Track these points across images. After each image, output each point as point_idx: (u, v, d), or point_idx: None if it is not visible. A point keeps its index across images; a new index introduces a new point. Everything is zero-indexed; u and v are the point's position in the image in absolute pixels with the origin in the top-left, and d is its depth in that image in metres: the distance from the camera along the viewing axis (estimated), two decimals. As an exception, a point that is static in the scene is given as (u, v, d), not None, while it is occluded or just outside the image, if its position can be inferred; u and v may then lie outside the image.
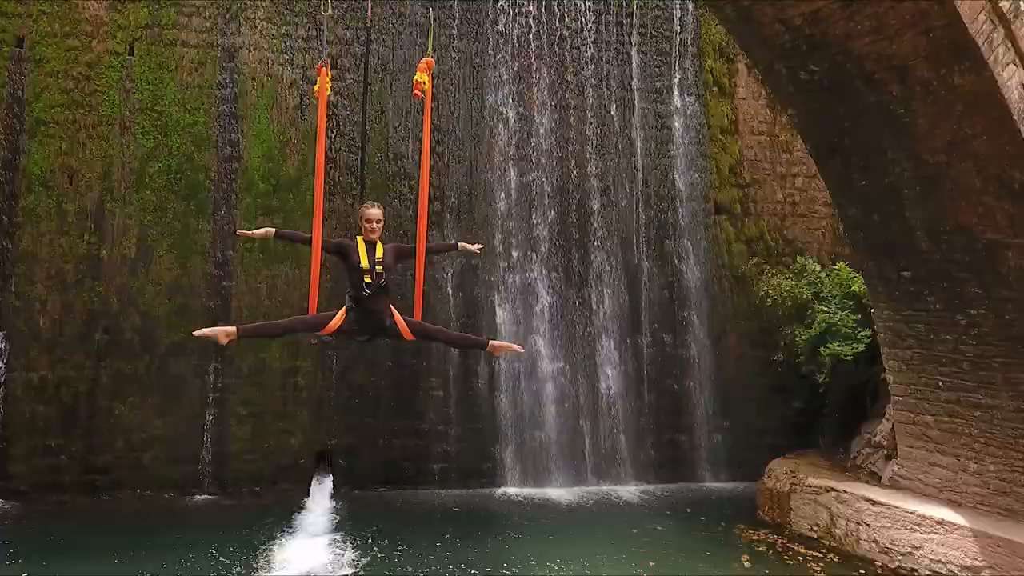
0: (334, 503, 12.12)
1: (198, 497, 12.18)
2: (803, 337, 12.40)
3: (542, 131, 13.97)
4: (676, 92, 14.68)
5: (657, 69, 14.63)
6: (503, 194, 13.76)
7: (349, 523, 11.14)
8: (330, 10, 6.23)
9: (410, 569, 9.19)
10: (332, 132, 13.15)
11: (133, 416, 12.11)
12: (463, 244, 7.11)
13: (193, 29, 12.74)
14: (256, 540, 10.09)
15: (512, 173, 13.82)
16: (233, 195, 12.82)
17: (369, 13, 12.77)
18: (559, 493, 12.96)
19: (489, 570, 9.24)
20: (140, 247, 12.36)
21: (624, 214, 14.23)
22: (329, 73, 6.11)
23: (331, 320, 5.40)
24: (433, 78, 6.66)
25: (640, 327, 14.03)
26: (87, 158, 12.33)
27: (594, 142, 14.19)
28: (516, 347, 5.83)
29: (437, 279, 13.32)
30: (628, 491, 13.26)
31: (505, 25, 13.96)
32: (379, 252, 5.56)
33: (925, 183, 7.73)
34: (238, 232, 6.28)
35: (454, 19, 13.74)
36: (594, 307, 13.90)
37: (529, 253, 13.76)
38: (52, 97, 12.26)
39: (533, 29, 14.07)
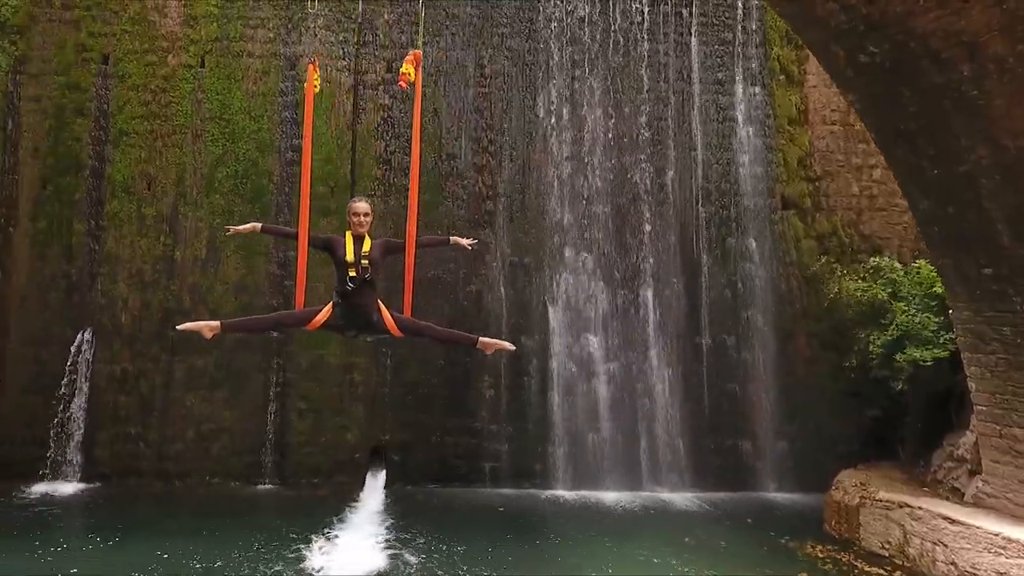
0: (387, 498, 11.65)
1: (260, 487, 12.03)
2: (878, 340, 10.71)
3: (596, 127, 12.89)
4: (739, 82, 13.20)
5: (719, 59, 13.19)
6: (556, 192, 12.81)
7: (400, 518, 10.72)
8: (316, 5, 5.56)
9: (456, 567, 8.70)
10: (388, 134, 12.62)
11: (203, 408, 12.07)
12: (455, 238, 6.42)
13: (258, 40, 12.54)
14: (312, 530, 9.85)
15: (565, 170, 12.83)
16: (294, 198, 12.50)
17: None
18: (611, 497, 11.92)
19: (536, 572, 8.66)
20: (210, 248, 12.29)
21: (682, 211, 12.92)
22: (317, 71, 5.66)
23: (317, 315, 5.13)
24: (423, 70, 6.00)
25: (699, 328, 12.70)
26: (163, 165, 12.38)
27: (650, 137, 12.96)
28: (507, 345, 5.39)
29: (489, 279, 12.56)
30: (685, 498, 12.04)
31: (558, 21, 12.94)
32: (366, 246, 5.21)
33: (1004, 170, 6.22)
34: (227, 229, 5.68)
35: (505, 17, 12.84)
36: (650, 307, 12.69)
37: (582, 252, 12.74)
38: (133, 109, 12.39)
39: (586, 24, 12.99)
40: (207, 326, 4.96)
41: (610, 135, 12.99)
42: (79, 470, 11.87)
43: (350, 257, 5.19)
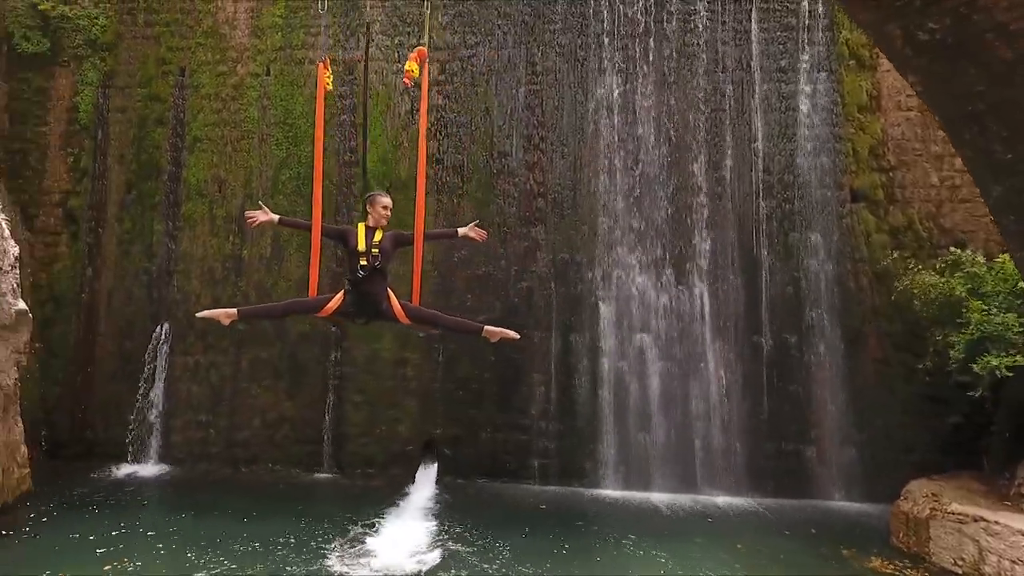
0: (437, 491, 11.33)
1: (318, 475, 12.00)
2: (957, 342, 9.39)
3: (649, 121, 12.03)
4: (804, 69, 11.99)
5: (781, 46, 12.05)
6: (608, 188, 12.07)
7: (449, 511, 10.43)
8: (326, 6, 5.43)
9: (499, 562, 8.40)
10: (440, 133, 12.26)
11: (267, 398, 12.15)
12: (463, 231, 6.03)
13: (318, 47, 12.52)
14: (365, 518, 9.85)
15: (618, 166, 12.07)
16: (352, 198, 12.41)
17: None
18: (663, 499, 11.12)
19: (579, 572, 8.20)
20: (274, 247, 12.35)
21: (741, 205, 11.89)
22: (328, 70, 5.59)
23: (329, 302, 5.14)
24: (428, 67, 5.66)
25: (759, 326, 11.65)
26: (233, 169, 12.55)
27: (707, 129, 11.99)
28: (511, 334, 5.27)
29: (540, 276, 11.99)
30: (741, 503, 11.08)
31: (609, 14, 12.19)
32: (377, 237, 5.28)
33: (1093, 148, 5.00)
34: (247, 219, 5.52)
35: (557, 14, 12.22)
36: (707, 305, 11.76)
37: (635, 248, 11.93)
38: (206, 117, 12.61)
39: (639, 17, 12.13)
40: (225, 313, 5.05)
41: (664, 128, 12.12)
42: (157, 454, 12.23)
43: (362, 247, 5.18)
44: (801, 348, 11.79)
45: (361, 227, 5.26)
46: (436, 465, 11.97)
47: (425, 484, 11.67)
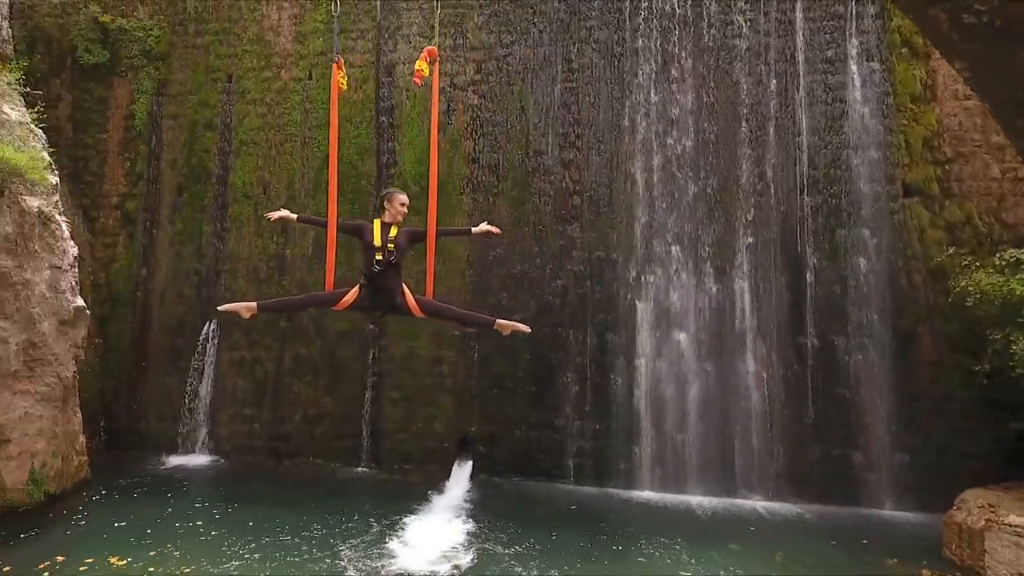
0: (471, 488, 11.20)
1: (356, 469, 12.03)
2: (1019, 343, 8.65)
3: (688, 116, 11.58)
4: (853, 59, 11.30)
5: (828, 36, 11.40)
6: (645, 185, 11.68)
7: (482, 509, 10.30)
8: (339, 7, 5.89)
9: (530, 562, 8.22)
10: (476, 133, 12.12)
11: (308, 393, 12.26)
12: (475, 229, 5.92)
13: (358, 51, 12.55)
14: (399, 513, 9.84)
15: (655, 162, 11.66)
16: (390, 198, 12.34)
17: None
18: (700, 502, 10.67)
19: (608, 574, 7.95)
20: (315, 246, 12.46)
21: (785, 201, 11.30)
22: (342, 70, 5.39)
23: (345, 296, 5.11)
24: (436, 65, 5.64)
25: (804, 327, 11.05)
26: (276, 171, 12.72)
27: (749, 123, 11.44)
28: (522, 327, 5.16)
29: (575, 274, 11.69)
30: (782, 508, 10.54)
31: (647, 8, 11.79)
32: (393, 232, 5.24)
33: None
34: (269, 216, 5.56)
35: (593, 10, 11.91)
36: (747, 304, 11.23)
37: (673, 246, 11.50)
38: (251, 121, 12.83)
39: (677, 10, 11.69)
40: (245, 307, 5.06)
41: (703, 123, 11.64)
42: (206, 445, 12.50)
43: (377, 242, 5.17)
44: (849, 349, 11.12)
45: (377, 223, 5.25)
46: (471, 462, 11.82)
47: (460, 481, 11.55)
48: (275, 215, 5.69)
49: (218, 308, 5.37)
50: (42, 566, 7.80)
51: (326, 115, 12.78)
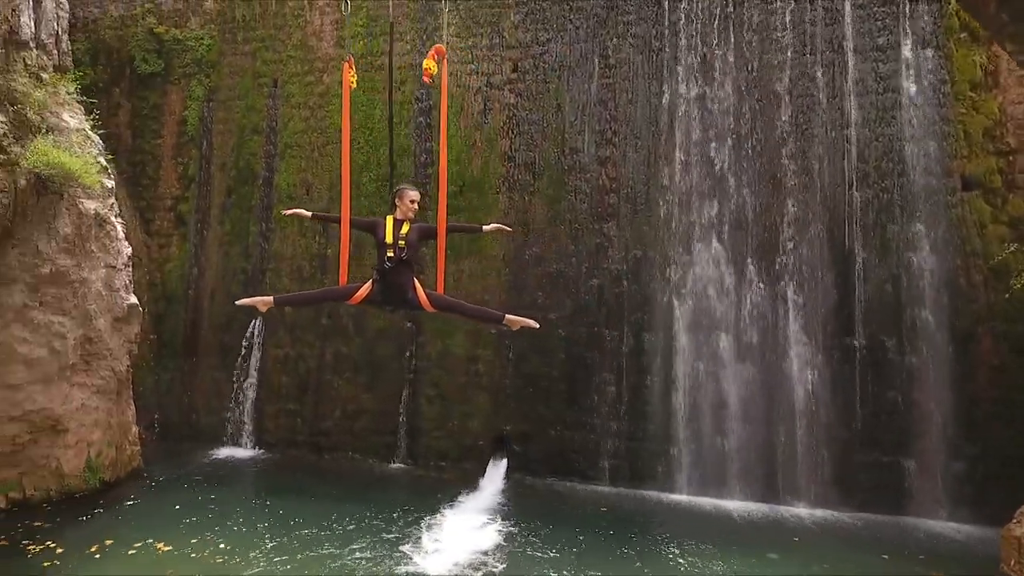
0: (505, 487, 11.12)
1: (393, 466, 12.10)
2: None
3: (729, 110, 11.16)
4: (906, 46, 10.66)
5: (879, 22, 10.78)
6: (684, 181, 11.30)
7: (515, 508, 10.20)
8: (350, 8, 5.50)
9: (559, 563, 8.09)
10: (512, 131, 12.02)
11: (348, 389, 12.41)
12: (487, 226, 5.95)
13: (397, 53, 12.61)
14: (432, 510, 9.86)
15: (695, 158, 11.28)
16: (427, 198, 12.37)
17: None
18: (739, 507, 10.27)
19: None
20: (355, 246, 12.47)
21: (832, 196, 10.76)
22: (352, 69, 5.52)
23: (358, 291, 5.19)
24: (444, 63, 5.74)
25: (852, 327, 10.50)
26: (319, 173, 12.93)
27: (793, 116, 10.94)
28: (531, 322, 5.13)
29: (611, 273, 11.44)
30: (827, 516, 10.04)
31: (687, 0, 11.42)
32: (404, 229, 5.27)
33: None
34: (285, 212, 5.62)
35: (631, 4, 11.61)
36: (791, 303, 10.74)
37: (713, 244, 11.11)
38: (295, 125, 13.07)
39: (719, 2, 11.27)
40: (262, 301, 5.13)
41: (745, 117, 11.20)
42: (252, 438, 12.81)
43: (389, 239, 5.20)
44: (901, 351, 10.49)
45: (389, 219, 5.27)
46: (506, 461, 11.71)
47: (494, 479, 11.46)
48: (290, 212, 5.80)
49: (236, 303, 5.35)
50: (93, 548, 8.12)
51: (366, 117, 12.91)
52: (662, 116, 11.64)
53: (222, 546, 8.33)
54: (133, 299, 11.14)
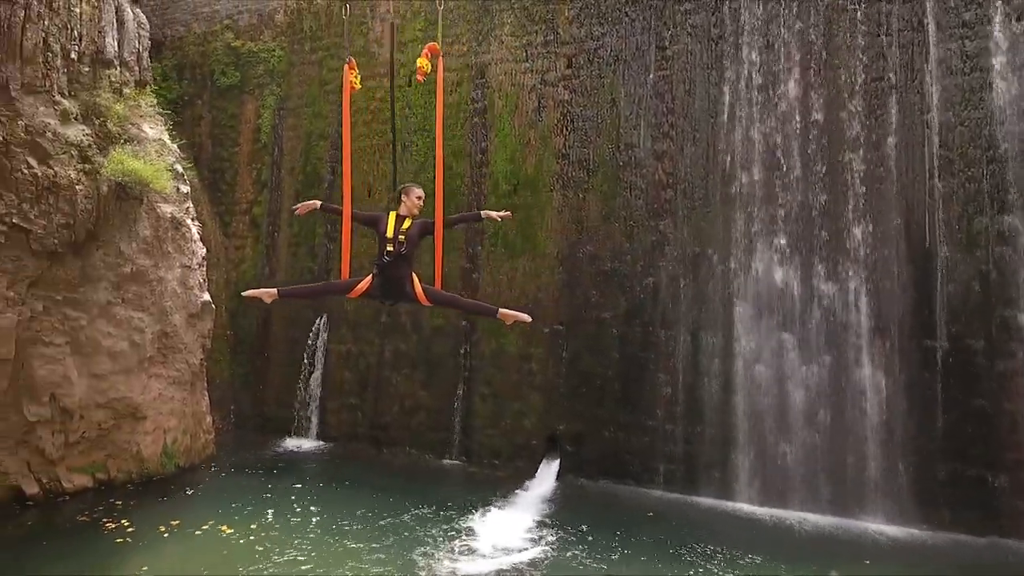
0: (557, 487, 10.95)
1: (448, 462, 12.16)
2: None
3: (794, 98, 10.49)
4: (998, 20, 9.63)
5: (965, -5, 9.79)
6: (745, 174, 10.72)
7: (564, 509, 10.07)
8: (348, 12, 5.60)
9: (601, 566, 7.90)
10: (566, 129, 11.81)
11: (405, 386, 12.59)
12: (487, 212, 5.92)
13: (454, 55, 12.69)
14: (482, 507, 9.89)
15: (756, 150, 10.68)
16: (482, 197, 12.41)
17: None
18: (803, 519, 9.62)
19: None
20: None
21: (910, 186, 9.89)
22: (354, 70, 5.52)
23: (358, 284, 5.27)
24: (439, 61, 5.76)
25: (932, 329, 9.60)
26: (379, 175, 13.21)
27: (865, 102, 10.13)
28: (524, 316, 5.15)
29: (668, 271, 11.01)
30: (903, 534, 9.25)
31: (746, -15, 10.84)
32: (406, 224, 5.34)
33: None
34: (295, 210, 5.72)
35: (688, -7, 11.16)
36: (864, 302, 9.95)
37: (777, 239, 10.46)
38: (357, 129, 13.42)
39: (782, -18, 10.62)
40: (267, 293, 5.31)
41: (812, 104, 10.46)
42: (316, 431, 13.22)
43: (390, 234, 5.27)
44: (991, 355, 9.46)
45: (393, 215, 5.34)
46: (558, 461, 11.49)
47: (546, 479, 11.28)
48: (301, 205, 5.85)
49: (243, 294, 5.65)
50: (162, 528, 8.60)
51: (423, 119, 13.05)
52: (722, 107, 11.07)
53: (281, 530, 8.68)
54: (206, 297, 11.73)
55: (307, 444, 13.17)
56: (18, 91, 8.32)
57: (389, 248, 5.18)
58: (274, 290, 5.32)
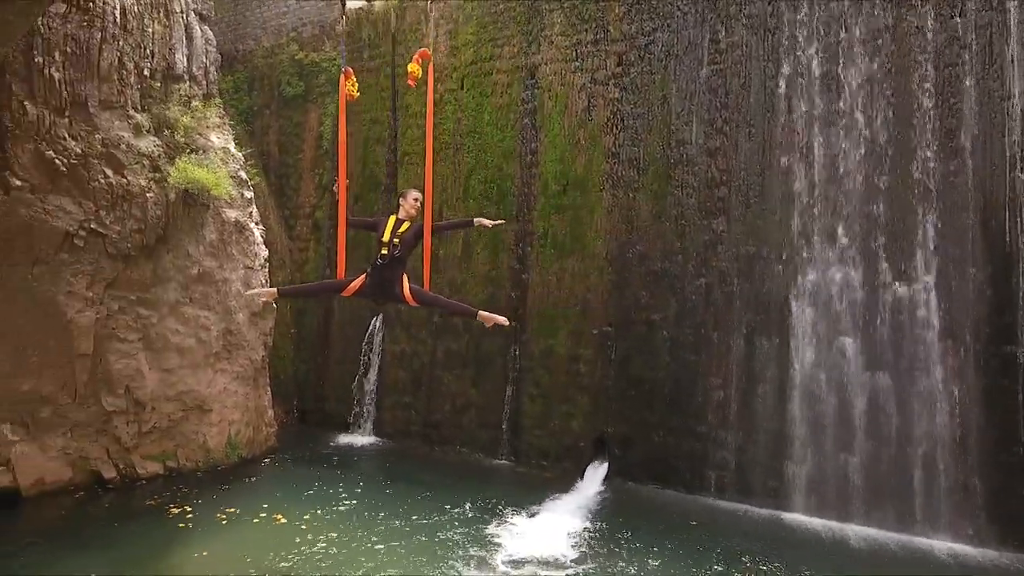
0: (604, 490, 10.83)
1: (497, 461, 12.24)
2: None
3: (857, 88, 9.91)
4: (1091, -5, 8.76)
5: (1052, -30, 8.95)
6: (803, 171, 10.24)
7: (610, 513, 9.96)
8: (344, 25, 6.71)
9: (640, 572, 7.77)
10: (616, 127, 11.65)
11: (456, 385, 12.75)
12: (479, 219, 6.19)
13: (504, 57, 12.78)
14: (528, 508, 9.92)
15: (816, 146, 10.17)
16: (532, 198, 12.42)
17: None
18: (864, 534, 9.10)
19: None
20: (464, 246, 12.93)
21: (987, 180, 9.16)
22: (351, 79, 5.79)
23: (351, 284, 5.57)
24: (432, 67, 6.15)
25: (1013, 334, 8.88)
26: (432, 178, 13.34)
27: (937, 91, 9.45)
28: (502, 319, 5.34)
29: (721, 270, 10.66)
30: (979, 555, 8.60)
31: (804, -28, 10.33)
32: (403, 228, 5.59)
33: None
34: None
35: (743, -17, 10.74)
36: (934, 305, 9.30)
37: (838, 238, 9.93)
38: (412, 133, 13.72)
39: (844, -34, 10.06)
40: (268, 292, 5.96)
41: (877, 94, 9.85)
42: (372, 427, 13.59)
43: (386, 237, 5.51)
44: (1082, 364, 8.59)
45: (392, 218, 5.57)
46: (606, 464, 11.32)
47: (593, 482, 11.14)
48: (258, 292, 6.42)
49: (245, 293, 6.48)
50: (220, 515, 9.08)
51: (474, 121, 13.18)
52: (779, 100, 10.59)
53: (330, 522, 9.03)
54: (266, 296, 12.25)
55: (363, 440, 13.55)
56: (96, 107, 8.99)
57: (384, 251, 5.43)
58: (274, 289, 5.66)
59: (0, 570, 7.24)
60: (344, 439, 13.57)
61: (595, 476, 11.22)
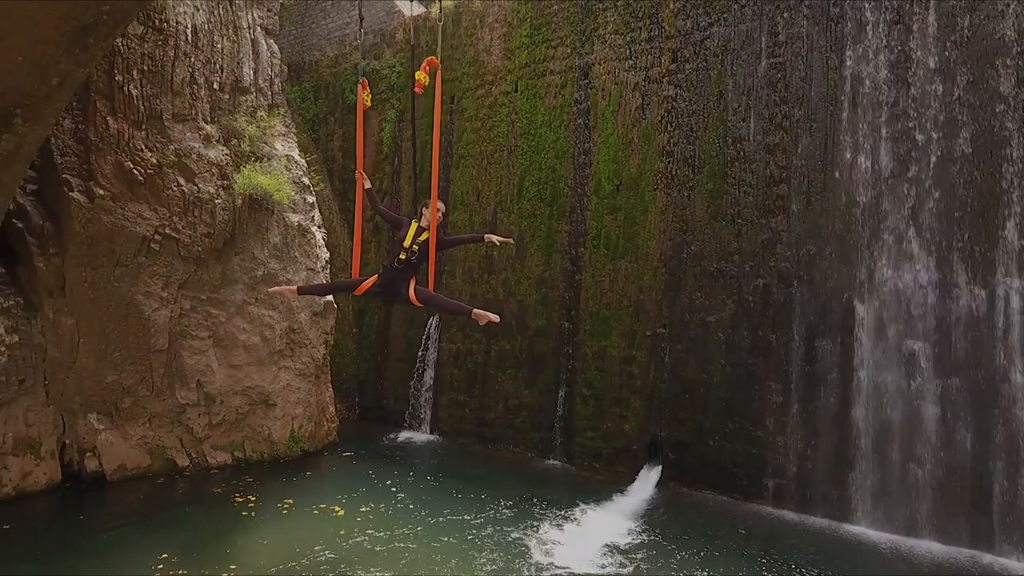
0: (656, 494, 10.69)
1: (549, 462, 12.29)
2: None
3: (930, 78, 9.36)
4: None
5: None
6: (869, 165, 9.77)
7: (661, 519, 9.86)
8: (362, 27, 7.23)
9: None
10: (670, 125, 11.48)
11: (509, 385, 12.88)
12: (489, 236, 6.19)
13: (557, 58, 12.81)
14: (577, 509, 9.95)
15: (883, 142, 9.68)
16: (584, 198, 12.40)
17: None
18: (935, 550, 8.63)
19: None
20: (518, 247, 13.03)
21: (1076, 171, 8.43)
22: (366, 89, 5.93)
23: (364, 283, 5.72)
24: (435, 75, 5.97)
25: (1107, 339, 8.12)
26: (487, 179, 13.63)
27: (1016, 75, 8.80)
28: (494, 317, 5.41)
29: (779, 270, 10.33)
30: (1065, 579, 7.85)
31: (869, -43, 9.85)
32: (423, 236, 5.72)
33: None
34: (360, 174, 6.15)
35: (803, -28, 10.35)
36: (1016, 307, 8.68)
37: (907, 236, 9.43)
38: (467, 136, 13.95)
39: (914, -51, 9.53)
40: (288, 289, 6.39)
41: (951, 84, 9.26)
42: (428, 425, 13.90)
43: (407, 243, 5.68)
44: None
45: (414, 225, 5.74)
46: (659, 468, 11.14)
47: (646, 486, 11.00)
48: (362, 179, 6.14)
49: (268, 290, 6.94)
50: (280, 505, 9.55)
51: (528, 124, 13.27)
52: (843, 92, 10.13)
53: (384, 515, 9.35)
54: (329, 297, 12.76)
55: (420, 437, 13.87)
56: (169, 120, 9.65)
57: (401, 256, 5.62)
58: (294, 287, 6.21)
59: (91, 544, 7.93)
60: (402, 435, 13.94)
61: (648, 480, 11.07)
